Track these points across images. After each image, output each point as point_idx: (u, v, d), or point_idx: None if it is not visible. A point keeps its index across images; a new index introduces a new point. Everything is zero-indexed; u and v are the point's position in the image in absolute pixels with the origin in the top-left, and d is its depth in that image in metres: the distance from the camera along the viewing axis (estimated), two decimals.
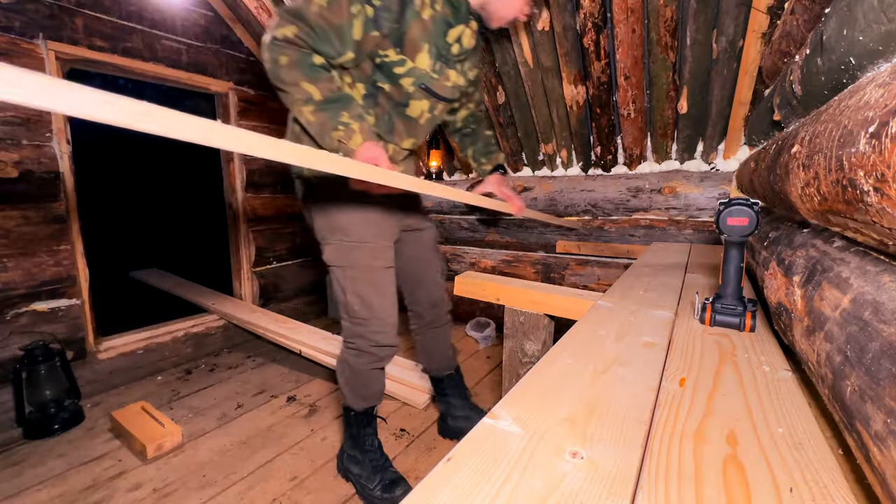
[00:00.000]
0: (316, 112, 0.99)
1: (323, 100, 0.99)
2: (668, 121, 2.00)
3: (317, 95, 0.99)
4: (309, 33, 0.98)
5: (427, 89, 1.15)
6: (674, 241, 2.18)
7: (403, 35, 1.05)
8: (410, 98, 1.16)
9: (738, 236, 0.82)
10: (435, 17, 1.07)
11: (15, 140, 2.03)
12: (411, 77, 1.12)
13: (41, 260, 2.13)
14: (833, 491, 0.39)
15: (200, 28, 2.75)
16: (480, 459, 0.43)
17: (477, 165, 1.55)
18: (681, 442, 0.46)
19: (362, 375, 1.34)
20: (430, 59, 1.11)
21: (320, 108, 0.99)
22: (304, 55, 0.99)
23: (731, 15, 1.54)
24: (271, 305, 3.25)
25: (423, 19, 1.05)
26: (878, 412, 0.37)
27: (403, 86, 1.13)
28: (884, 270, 0.47)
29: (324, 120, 0.99)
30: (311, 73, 0.99)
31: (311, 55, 1.00)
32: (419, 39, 1.07)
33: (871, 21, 0.51)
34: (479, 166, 1.54)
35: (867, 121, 0.42)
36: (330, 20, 0.97)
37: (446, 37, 1.12)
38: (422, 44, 1.08)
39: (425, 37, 1.08)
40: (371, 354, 1.30)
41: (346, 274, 1.26)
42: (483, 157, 1.53)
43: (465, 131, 1.56)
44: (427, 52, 1.10)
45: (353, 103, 1.03)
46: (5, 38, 1.99)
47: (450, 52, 1.14)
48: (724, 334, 0.80)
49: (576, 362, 0.67)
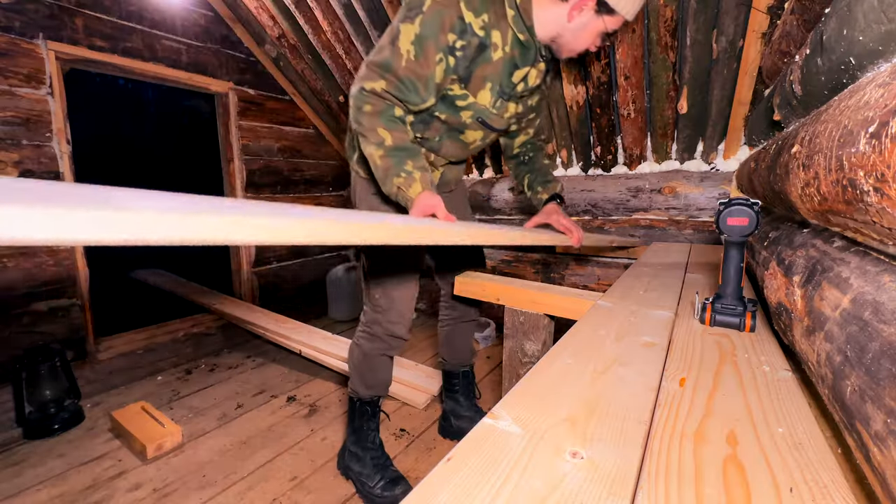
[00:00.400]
0: (384, 157, 1.04)
1: (393, 146, 1.04)
2: (668, 121, 2.00)
3: (388, 141, 1.04)
4: (397, 86, 1.02)
5: (483, 122, 1.20)
6: (674, 240, 2.18)
7: (471, 74, 1.09)
8: (466, 128, 1.21)
9: (738, 236, 0.82)
10: (504, 59, 1.09)
11: (15, 140, 2.03)
12: (471, 111, 1.16)
13: (41, 260, 2.13)
14: (833, 491, 0.39)
15: (200, 28, 2.75)
16: (480, 459, 0.43)
17: (532, 194, 1.50)
18: (681, 442, 0.46)
19: (372, 360, 1.40)
20: (491, 97, 1.15)
21: (389, 153, 1.04)
22: (387, 106, 1.05)
23: (731, 15, 1.53)
24: (271, 305, 3.25)
25: (493, 61, 1.08)
26: (878, 412, 0.37)
27: (462, 117, 1.17)
28: (884, 270, 0.47)
29: (389, 165, 1.03)
30: (389, 122, 1.05)
31: (393, 107, 1.06)
32: (485, 79, 1.11)
33: (871, 21, 0.51)
34: (535, 195, 1.49)
35: (867, 121, 0.42)
36: (417, 72, 1.02)
37: (511, 76, 1.14)
38: (486, 83, 1.12)
39: (491, 77, 1.11)
40: (383, 342, 1.38)
41: (373, 264, 1.35)
42: (539, 185, 1.48)
43: (521, 159, 1.52)
44: (489, 90, 1.13)
45: (419, 155, 1.07)
46: (5, 38, 1.99)
47: (514, 91, 1.18)
48: (724, 334, 0.80)
49: (576, 362, 0.67)
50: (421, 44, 0.99)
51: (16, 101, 2.03)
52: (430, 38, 0.99)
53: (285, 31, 2.69)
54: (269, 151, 3.21)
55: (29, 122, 2.07)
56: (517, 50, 1.10)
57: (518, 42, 1.09)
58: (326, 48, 2.63)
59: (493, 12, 1.03)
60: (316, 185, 3.58)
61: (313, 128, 3.50)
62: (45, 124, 2.12)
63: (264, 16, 2.66)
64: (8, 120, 2.00)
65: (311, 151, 3.51)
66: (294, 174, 3.40)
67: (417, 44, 0.99)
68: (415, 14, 0.99)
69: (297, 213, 0.53)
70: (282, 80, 3.18)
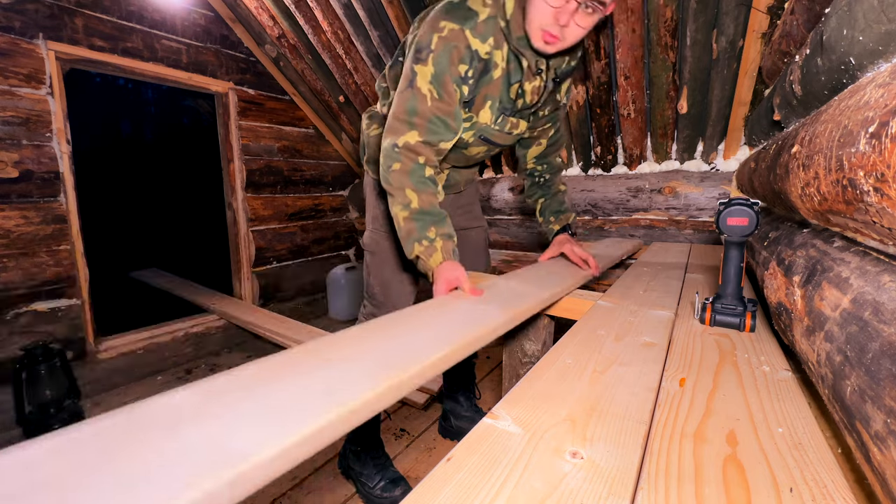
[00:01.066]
0: (408, 220, 1.01)
1: (419, 210, 1.01)
2: (668, 121, 2.00)
3: (415, 203, 1.01)
4: (428, 129, 1.01)
5: (486, 139, 1.19)
6: (674, 241, 2.18)
7: (475, 97, 1.08)
8: (469, 145, 1.21)
9: (738, 236, 0.82)
10: (502, 75, 1.08)
11: (15, 140, 2.03)
12: (473, 130, 1.15)
13: (41, 260, 2.13)
14: (833, 491, 0.39)
15: (200, 28, 2.75)
16: (480, 459, 0.43)
17: (543, 221, 1.46)
18: (681, 442, 0.46)
19: None
20: (491, 115, 1.13)
21: (414, 216, 1.01)
22: (417, 166, 1.02)
23: (731, 15, 1.53)
24: (271, 305, 3.25)
25: (494, 80, 1.07)
26: (877, 412, 0.37)
27: (465, 137, 1.16)
28: (884, 270, 0.47)
29: (412, 228, 1.00)
30: (418, 184, 1.02)
31: (425, 167, 1.03)
32: (486, 98, 1.10)
33: (871, 21, 0.51)
34: (546, 224, 1.44)
35: (867, 121, 0.42)
36: (444, 109, 1.01)
37: (509, 92, 1.12)
38: (487, 101, 1.11)
39: (491, 95, 1.10)
40: None
41: (374, 259, 1.38)
42: (552, 215, 1.42)
43: (537, 179, 1.46)
44: (489, 107, 1.12)
45: (444, 221, 1.03)
46: (5, 38, 1.99)
47: (514, 106, 1.16)
48: (724, 334, 0.80)
49: (576, 362, 0.67)
50: (439, 81, 0.99)
51: (16, 101, 2.03)
52: (446, 73, 0.99)
53: (285, 31, 2.69)
54: (269, 151, 3.21)
55: (29, 122, 2.07)
56: (513, 64, 1.08)
57: (513, 55, 1.06)
58: (326, 48, 2.63)
59: (496, 32, 1.02)
60: (316, 186, 3.58)
61: (313, 128, 3.50)
62: (45, 124, 2.12)
63: (264, 16, 2.66)
64: (8, 120, 2.00)
65: (311, 151, 3.51)
66: (294, 174, 3.40)
67: (436, 82, 0.99)
68: (426, 55, 0.98)
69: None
70: (282, 81, 3.18)
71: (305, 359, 0.53)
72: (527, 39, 1.02)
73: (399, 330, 0.66)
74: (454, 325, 0.70)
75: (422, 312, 0.77)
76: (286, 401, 0.42)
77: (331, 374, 0.48)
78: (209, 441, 0.34)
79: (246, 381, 0.46)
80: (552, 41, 0.97)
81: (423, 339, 0.62)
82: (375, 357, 0.54)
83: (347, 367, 0.50)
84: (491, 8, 1.00)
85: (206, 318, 2.92)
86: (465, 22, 0.98)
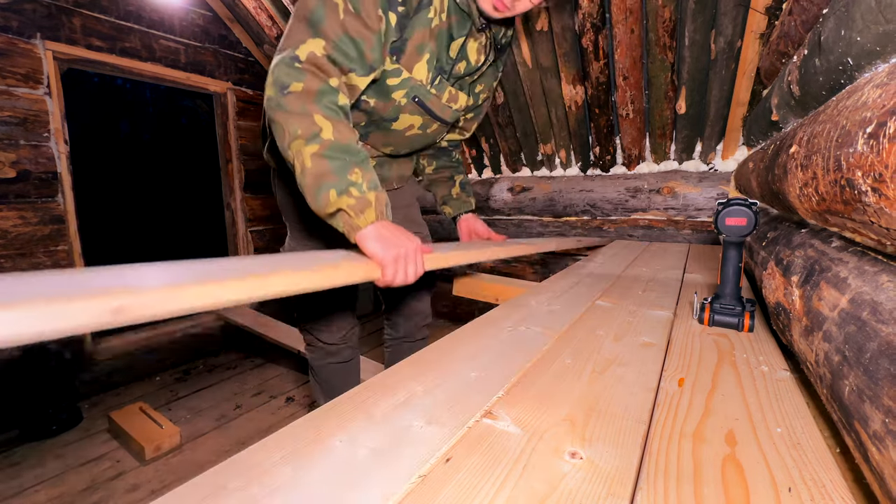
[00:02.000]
0: (319, 157, 0.72)
1: (334, 142, 0.73)
2: (666, 121, 2.01)
3: (327, 134, 0.73)
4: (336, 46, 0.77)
5: (421, 104, 0.98)
6: (672, 241, 2.18)
7: (406, 43, 0.88)
8: (400, 111, 0.99)
9: (737, 236, 0.82)
10: (440, 27, 0.91)
11: (12, 140, 2.03)
12: (405, 89, 0.94)
13: (39, 260, 2.12)
14: (831, 490, 0.39)
15: (199, 28, 2.75)
16: (480, 459, 0.43)
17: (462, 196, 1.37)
18: (679, 442, 0.47)
19: (322, 371, 1.30)
20: (428, 72, 0.94)
21: (327, 152, 0.72)
22: (327, 87, 0.76)
23: (729, 16, 1.54)
24: (271, 304, 3.25)
25: (431, 27, 0.89)
26: (876, 412, 0.38)
27: (395, 99, 0.95)
28: (882, 270, 0.47)
29: (326, 170, 0.72)
30: (329, 110, 0.75)
31: (337, 92, 0.78)
32: (421, 48, 0.90)
33: (868, 22, 0.52)
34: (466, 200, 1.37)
35: (865, 121, 0.43)
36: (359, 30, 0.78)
37: (448, 49, 0.95)
38: (423, 53, 0.91)
39: (428, 46, 0.91)
40: (319, 349, 1.27)
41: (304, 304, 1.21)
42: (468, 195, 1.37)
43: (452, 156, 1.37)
44: (426, 61, 0.92)
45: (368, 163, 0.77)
46: (3, 38, 1.98)
47: (453, 68, 0.99)
48: (722, 334, 0.81)
49: (575, 362, 0.67)
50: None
51: (13, 101, 2.02)
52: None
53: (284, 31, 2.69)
54: None
55: (26, 122, 2.06)
56: (455, 16, 0.91)
57: (455, 7, 0.91)
58: None
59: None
60: None
61: None
62: (43, 124, 2.12)
63: (263, 16, 2.66)
64: (5, 120, 2.00)
65: None
66: None
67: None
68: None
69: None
70: None
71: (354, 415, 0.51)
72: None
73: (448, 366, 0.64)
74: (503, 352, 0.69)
75: (456, 341, 0.75)
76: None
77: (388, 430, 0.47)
78: None
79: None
80: (502, 8, 0.87)
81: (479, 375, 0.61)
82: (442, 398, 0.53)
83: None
84: None
85: (204, 319, 2.91)
86: None
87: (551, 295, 1.06)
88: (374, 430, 0.48)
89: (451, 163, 1.37)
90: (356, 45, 0.78)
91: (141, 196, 5.43)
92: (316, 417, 0.51)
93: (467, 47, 0.98)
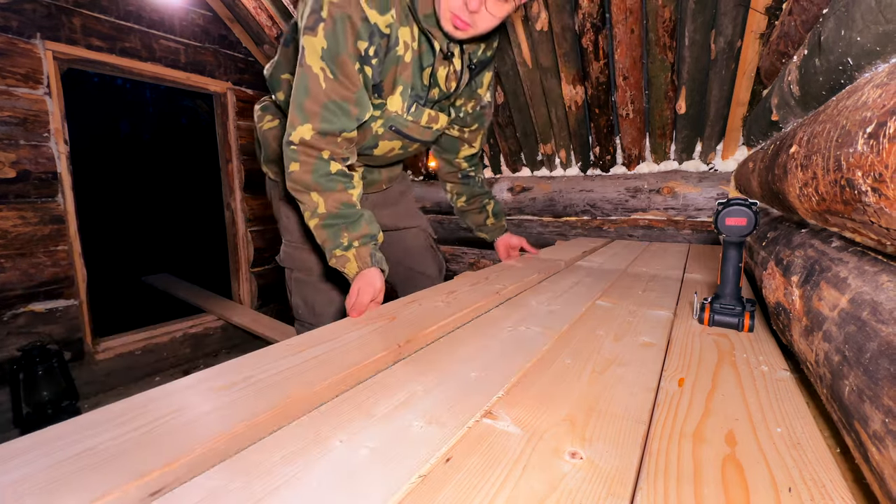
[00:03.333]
0: (319, 227, 0.93)
1: (327, 214, 0.92)
2: (666, 121, 2.01)
3: (321, 208, 0.92)
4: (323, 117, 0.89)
5: (398, 131, 1.06)
6: (672, 241, 2.18)
7: (383, 80, 0.97)
8: (379, 139, 1.07)
9: (737, 236, 0.82)
10: (413, 58, 0.98)
11: (12, 140, 2.03)
12: (382, 119, 1.02)
13: (39, 260, 2.12)
14: (831, 490, 0.39)
15: (199, 28, 2.75)
16: (479, 460, 0.43)
17: (495, 222, 1.49)
18: (679, 442, 0.46)
19: None
20: (402, 102, 1.01)
21: (324, 223, 0.92)
22: (319, 163, 0.91)
23: (729, 16, 1.54)
24: (270, 305, 3.25)
25: (405, 62, 0.96)
26: (876, 412, 0.38)
27: (373, 128, 1.03)
28: (882, 270, 0.47)
29: (325, 237, 0.93)
30: (322, 182, 0.91)
31: (328, 162, 0.92)
32: (396, 82, 0.98)
33: (868, 22, 0.52)
34: (500, 224, 1.50)
35: (865, 121, 0.43)
36: (341, 94, 0.89)
37: (422, 77, 1.01)
38: (397, 86, 0.99)
39: (400, 79, 0.98)
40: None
41: (291, 276, 1.26)
42: (498, 217, 1.48)
43: (473, 178, 1.42)
44: (400, 94, 1.00)
45: (359, 223, 0.94)
46: (3, 38, 1.98)
47: (428, 96, 1.05)
48: (722, 334, 0.81)
49: (575, 362, 0.67)
50: (334, 59, 0.86)
51: (13, 101, 2.02)
52: (342, 51, 0.86)
53: (284, 31, 2.69)
54: None
55: (26, 122, 2.07)
56: (424, 45, 0.98)
57: (423, 36, 0.96)
58: None
59: (398, 5, 0.90)
60: None
61: None
62: (43, 124, 2.12)
63: (262, 16, 2.66)
64: (5, 120, 2.00)
65: None
66: None
67: (329, 59, 0.86)
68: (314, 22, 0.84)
69: None
70: None
71: (353, 415, 0.51)
72: (436, 18, 0.92)
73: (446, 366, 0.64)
74: (503, 353, 0.70)
75: (456, 341, 0.76)
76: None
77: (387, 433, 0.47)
78: None
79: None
80: (462, 27, 0.89)
81: (478, 376, 0.61)
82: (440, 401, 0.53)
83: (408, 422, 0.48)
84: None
85: (204, 319, 2.91)
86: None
87: (551, 295, 1.06)
88: (374, 430, 0.48)
89: (480, 191, 1.45)
90: (340, 107, 0.89)
91: (141, 196, 5.43)
92: (316, 417, 0.51)
93: (437, 75, 1.03)
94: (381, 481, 0.39)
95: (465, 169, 1.40)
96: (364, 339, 0.73)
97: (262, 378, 0.58)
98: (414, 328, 0.78)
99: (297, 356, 0.66)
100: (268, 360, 0.65)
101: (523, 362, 0.67)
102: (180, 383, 0.57)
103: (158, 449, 0.42)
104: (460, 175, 1.41)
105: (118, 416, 0.48)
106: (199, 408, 0.50)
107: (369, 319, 0.84)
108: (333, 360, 0.64)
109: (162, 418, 0.47)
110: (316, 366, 0.62)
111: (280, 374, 0.59)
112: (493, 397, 0.56)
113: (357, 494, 0.38)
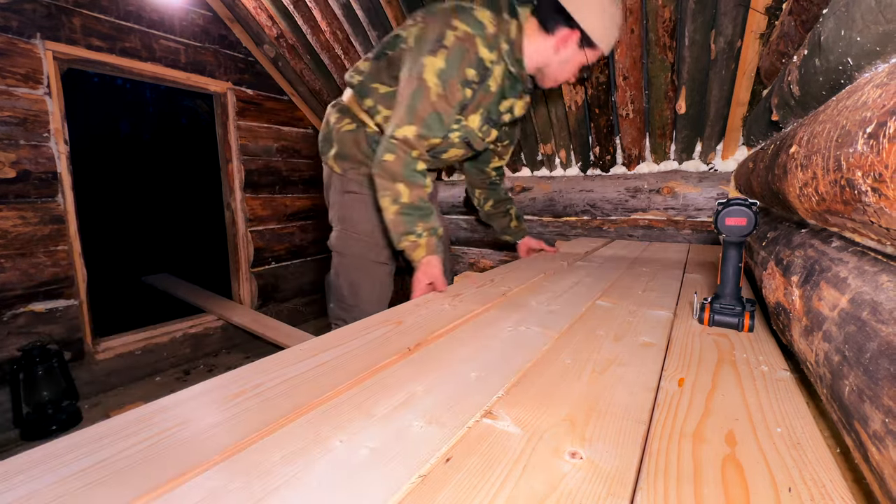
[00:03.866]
0: (398, 214, 1.08)
1: (408, 204, 1.08)
2: (666, 121, 2.01)
3: (405, 198, 1.08)
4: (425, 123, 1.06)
5: (468, 143, 1.29)
6: (672, 241, 2.18)
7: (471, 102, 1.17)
8: (451, 147, 1.27)
9: (737, 236, 0.82)
10: (497, 89, 1.18)
11: (12, 140, 2.03)
12: (460, 132, 1.23)
13: (39, 260, 2.12)
14: (831, 490, 0.39)
15: (199, 28, 2.75)
16: (479, 460, 0.43)
17: (517, 225, 1.73)
18: (679, 442, 0.46)
19: None
20: (480, 121, 1.23)
21: (404, 211, 1.08)
22: (410, 159, 1.08)
23: (729, 15, 1.54)
24: (270, 305, 3.25)
25: (491, 91, 1.17)
26: (876, 412, 0.38)
27: (451, 138, 1.23)
28: (882, 270, 0.47)
29: (400, 223, 1.08)
30: (410, 177, 1.08)
31: (417, 161, 1.10)
32: (479, 105, 1.19)
33: (868, 22, 0.52)
34: (521, 227, 1.73)
35: (865, 121, 0.43)
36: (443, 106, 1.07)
37: (499, 105, 1.24)
38: (479, 109, 1.20)
39: (484, 104, 1.20)
40: None
41: (342, 260, 1.37)
42: (519, 221, 1.72)
43: (499, 185, 1.68)
44: (480, 115, 1.22)
45: (432, 216, 1.12)
46: (3, 38, 1.98)
47: (499, 118, 1.28)
48: (722, 334, 0.81)
49: (574, 362, 0.67)
50: (447, 78, 1.05)
51: (13, 101, 2.02)
52: (455, 73, 1.06)
53: (284, 31, 2.69)
54: (268, 151, 3.21)
55: (26, 122, 2.06)
56: (507, 81, 1.20)
57: (508, 73, 1.18)
58: (325, 48, 2.63)
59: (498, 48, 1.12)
60: (315, 186, 3.58)
61: (312, 128, 3.49)
62: (43, 124, 2.12)
63: (262, 16, 2.66)
64: (5, 120, 2.00)
65: (309, 152, 3.51)
66: (293, 174, 3.40)
67: (443, 78, 1.05)
68: (437, 48, 1.04)
69: None
70: (280, 81, 3.17)
71: (353, 415, 0.51)
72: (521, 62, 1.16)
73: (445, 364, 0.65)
74: (503, 353, 0.70)
75: (456, 341, 0.76)
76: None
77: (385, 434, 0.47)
78: None
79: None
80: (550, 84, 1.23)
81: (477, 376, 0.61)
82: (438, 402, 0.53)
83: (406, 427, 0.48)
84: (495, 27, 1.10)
85: (204, 319, 2.91)
86: (476, 29, 1.06)
87: (551, 295, 1.06)
88: (374, 430, 0.48)
89: (504, 197, 1.71)
90: (440, 118, 1.08)
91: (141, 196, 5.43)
92: (316, 417, 0.51)
93: (515, 105, 1.30)
94: (381, 481, 0.39)
95: (493, 177, 1.64)
96: (372, 345, 0.73)
97: (271, 386, 0.57)
98: (422, 332, 0.78)
99: (306, 362, 0.66)
100: (277, 366, 0.64)
101: (523, 362, 0.67)
102: (186, 393, 0.56)
103: (165, 463, 0.42)
104: (489, 182, 1.65)
105: (124, 429, 0.47)
106: (206, 419, 0.50)
107: (377, 324, 0.84)
108: (343, 365, 0.64)
109: (168, 430, 0.47)
110: (325, 372, 0.62)
111: (288, 383, 0.59)
112: (492, 397, 0.56)
113: (357, 494, 0.38)
